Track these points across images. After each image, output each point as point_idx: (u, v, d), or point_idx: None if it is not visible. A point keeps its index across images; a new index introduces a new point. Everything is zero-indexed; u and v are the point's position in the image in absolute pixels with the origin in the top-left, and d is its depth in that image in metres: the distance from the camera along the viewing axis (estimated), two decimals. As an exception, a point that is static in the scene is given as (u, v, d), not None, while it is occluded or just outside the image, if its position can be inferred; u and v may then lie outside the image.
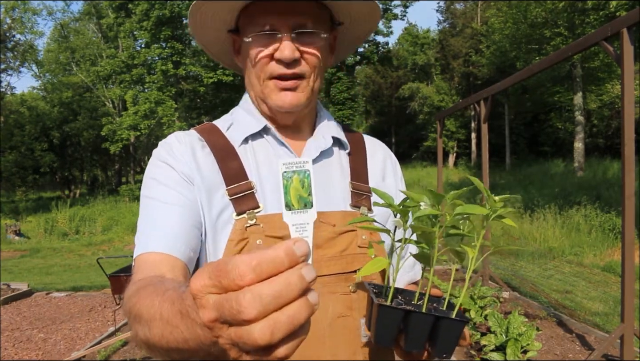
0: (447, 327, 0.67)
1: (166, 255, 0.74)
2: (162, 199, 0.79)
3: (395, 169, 1.03)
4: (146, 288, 0.60)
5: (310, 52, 0.83)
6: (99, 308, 5.55)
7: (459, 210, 0.65)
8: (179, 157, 0.83)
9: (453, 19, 30.28)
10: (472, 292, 4.15)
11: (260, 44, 0.82)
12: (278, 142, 0.89)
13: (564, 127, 22.78)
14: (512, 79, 4.89)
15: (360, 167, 0.94)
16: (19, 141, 21.74)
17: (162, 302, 0.52)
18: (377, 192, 0.76)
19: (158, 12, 17.67)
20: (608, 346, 3.26)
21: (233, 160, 0.84)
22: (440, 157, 7.58)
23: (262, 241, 0.79)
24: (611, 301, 5.07)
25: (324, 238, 0.82)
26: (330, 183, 0.89)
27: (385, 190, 0.94)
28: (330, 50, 0.92)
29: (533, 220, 9.60)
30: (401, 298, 0.76)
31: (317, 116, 0.97)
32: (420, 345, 0.68)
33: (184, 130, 0.93)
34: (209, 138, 0.87)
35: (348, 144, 0.94)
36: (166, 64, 18.16)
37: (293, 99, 0.84)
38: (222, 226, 0.81)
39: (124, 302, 0.65)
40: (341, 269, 0.82)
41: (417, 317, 0.67)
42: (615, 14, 12.55)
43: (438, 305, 0.75)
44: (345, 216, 0.86)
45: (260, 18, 0.81)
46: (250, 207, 0.81)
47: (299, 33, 0.81)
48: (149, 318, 0.53)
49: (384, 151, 1.03)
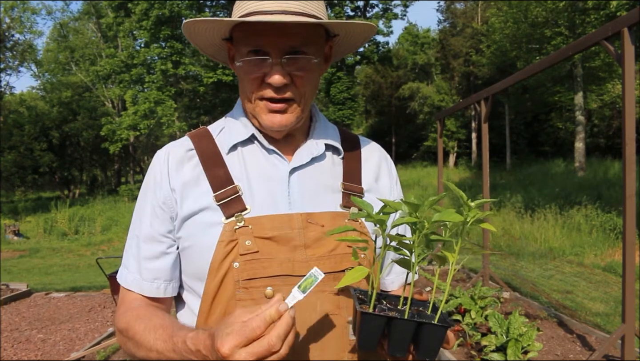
0: (429, 332, 0.69)
1: (139, 296, 0.91)
2: (139, 234, 0.91)
3: (391, 170, 1.03)
4: (138, 324, 0.83)
5: (301, 76, 0.84)
6: (98, 308, 5.54)
7: (435, 217, 0.69)
8: (159, 181, 0.90)
9: (453, 18, 30.28)
10: (472, 292, 4.13)
11: (250, 68, 0.84)
12: (267, 149, 0.91)
13: (565, 127, 22.78)
14: (513, 78, 4.88)
15: (353, 169, 0.95)
16: (18, 141, 21.71)
17: (156, 340, 0.78)
18: (357, 201, 0.78)
19: (157, 11, 17.66)
20: (609, 346, 3.25)
21: (219, 167, 0.88)
22: (440, 157, 7.57)
23: (251, 242, 0.82)
24: (612, 301, 5.06)
25: (312, 238, 0.84)
26: (320, 184, 0.90)
27: (378, 191, 0.97)
28: (325, 60, 0.92)
29: (534, 220, 9.59)
30: (386, 303, 0.77)
31: (312, 120, 0.98)
32: (403, 349, 0.70)
33: (182, 130, 0.96)
34: (199, 145, 0.91)
35: (342, 149, 0.96)
36: (166, 64, 18.15)
37: (282, 120, 0.86)
38: (206, 227, 0.85)
39: (117, 333, 0.89)
40: (330, 268, 0.84)
41: (399, 323, 0.69)
42: (615, 13, 12.54)
43: (424, 308, 0.77)
44: (335, 217, 0.87)
45: (252, 38, 0.82)
46: (238, 210, 0.84)
47: (289, 58, 0.82)
48: (147, 349, 0.80)
49: (380, 153, 1.03)
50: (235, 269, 0.81)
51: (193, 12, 18.55)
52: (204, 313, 0.84)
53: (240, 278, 0.81)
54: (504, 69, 20.15)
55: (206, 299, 0.84)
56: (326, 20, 0.87)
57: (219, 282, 0.82)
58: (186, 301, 0.92)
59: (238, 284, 0.81)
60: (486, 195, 5.47)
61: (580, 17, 14.57)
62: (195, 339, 0.71)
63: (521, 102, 22.48)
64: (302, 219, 0.85)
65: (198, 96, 20.59)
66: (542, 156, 23.00)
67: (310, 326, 0.82)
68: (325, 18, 0.88)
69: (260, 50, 0.82)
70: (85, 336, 4.57)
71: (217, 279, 0.82)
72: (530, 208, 10.46)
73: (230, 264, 0.82)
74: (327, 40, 0.90)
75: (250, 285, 0.81)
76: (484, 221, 0.71)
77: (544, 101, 20.70)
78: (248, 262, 0.82)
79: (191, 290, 0.90)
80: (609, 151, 21.30)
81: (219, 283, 0.82)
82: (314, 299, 0.82)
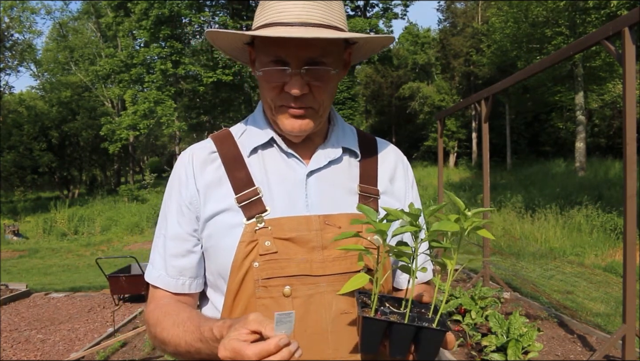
0: (428, 337, 0.72)
1: (167, 293, 0.94)
2: (165, 233, 0.95)
3: (407, 173, 1.04)
4: (166, 319, 0.88)
5: (319, 85, 0.86)
6: (97, 308, 5.53)
7: (434, 227, 0.73)
8: (184, 181, 0.94)
9: (454, 18, 30.29)
10: (472, 293, 4.13)
11: (270, 77, 0.86)
12: (286, 153, 0.94)
13: (565, 127, 22.78)
14: (513, 78, 4.87)
15: (370, 171, 0.98)
16: (18, 141, 21.68)
17: (185, 332, 0.83)
18: (362, 208, 0.81)
19: (157, 11, 17.62)
20: (610, 347, 3.24)
21: (241, 170, 0.92)
22: (440, 157, 7.56)
23: (271, 243, 0.85)
24: (613, 301, 5.05)
25: (329, 239, 0.87)
26: (337, 186, 0.93)
27: (394, 194, 0.99)
28: (344, 66, 0.95)
29: (534, 220, 9.58)
30: (389, 306, 0.80)
31: (330, 123, 1.00)
32: (403, 351, 0.72)
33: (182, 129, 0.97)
34: (221, 148, 0.95)
35: (359, 152, 0.98)
36: (165, 64, 18.12)
37: (302, 125, 0.89)
38: (229, 228, 0.88)
39: (148, 327, 0.94)
40: (346, 268, 0.87)
41: (399, 328, 0.72)
42: (616, 12, 12.53)
43: (426, 310, 0.80)
44: (351, 218, 0.89)
45: (272, 49, 0.84)
46: (259, 211, 0.88)
47: (308, 69, 0.84)
48: (175, 343, 0.85)
49: (396, 155, 1.05)
50: (255, 268, 0.85)
51: (193, 12, 18.51)
52: (227, 309, 0.89)
53: (259, 277, 0.85)
54: (505, 69, 20.14)
55: (229, 297, 0.88)
56: (346, 29, 0.89)
57: (240, 281, 0.86)
58: (210, 297, 0.96)
59: (258, 283, 0.85)
60: (486, 195, 5.46)
61: (581, 16, 14.56)
62: (222, 327, 0.75)
63: (522, 102, 22.48)
64: (320, 221, 0.88)
65: (198, 96, 20.55)
66: (543, 156, 23.00)
67: (325, 325, 0.85)
68: (345, 25, 0.90)
69: (280, 60, 0.84)
70: (85, 336, 4.56)
71: (239, 278, 0.86)
72: (530, 208, 10.46)
73: (250, 264, 0.85)
74: (346, 48, 0.93)
75: (269, 284, 0.85)
76: (482, 228, 0.74)
77: (545, 101, 20.70)
78: (267, 262, 0.85)
79: (215, 287, 0.93)
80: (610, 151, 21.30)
81: (240, 281, 0.86)
82: (329, 298, 0.85)
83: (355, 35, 0.86)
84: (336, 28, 0.85)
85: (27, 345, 4.36)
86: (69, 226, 13.84)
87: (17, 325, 4.96)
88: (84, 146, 25.02)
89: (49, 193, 27.24)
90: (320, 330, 0.85)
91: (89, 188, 28.58)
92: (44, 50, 30.33)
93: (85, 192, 26.71)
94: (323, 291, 0.85)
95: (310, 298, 0.85)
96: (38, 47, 33.97)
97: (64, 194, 23.85)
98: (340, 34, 0.83)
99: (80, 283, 7.02)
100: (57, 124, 23.05)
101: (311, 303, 0.85)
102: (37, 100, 27.03)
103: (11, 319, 5.19)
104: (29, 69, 29.11)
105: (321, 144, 0.95)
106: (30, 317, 5.25)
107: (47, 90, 27.90)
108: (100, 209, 16.52)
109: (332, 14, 0.85)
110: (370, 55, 1.05)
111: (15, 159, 21.62)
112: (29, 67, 28.88)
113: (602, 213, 9.25)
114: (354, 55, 0.97)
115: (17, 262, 10.06)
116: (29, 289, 6.40)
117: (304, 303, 0.85)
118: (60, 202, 16.91)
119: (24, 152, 21.92)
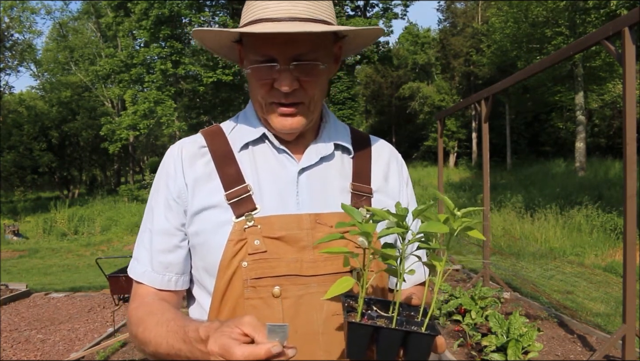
0: (417, 341, 0.69)
1: (151, 290, 0.91)
2: (152, 228, 0.92)
3: (401, 170, 1.02)
4: (150, 318, 0.84)
5: (309, 80, 0.85)
6: (97, 308, 5.53)
7: (421, 228, 0.70)
8: (173, 175, 0.91)
9: (454, 18, 30.29)
10: (472, 293, 4.13)
11: (259, 74, 0.85)
12: (277, 148, 0.91)
13: (565, 127, 22.77)
14: (513, 78, 4.87)
15: (363, 169, 0.95)
16: (18, 141, 21.68)
17: (167, 332, 0.79)
18: (346, 208, 0.78)
19: (157, 11, 17.62)
20: (610, 347, 3.24)
21: (231, 166, 0.89)
22: (440, 157, 7.57)
23: (260, 242, 0.83)
24: (613, 301, 5.05)
25: (320, 238, 0.83)
26: (329, 184, 0.91)
27: (387, 192, 0.97)
28: (335, 61, 0.93)
29: (534, 220, 9.58)
30: (376, 309, 0.76)
31: (322, 120, 0.98)
32: (391, 356, 0.69)
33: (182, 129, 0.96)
34: (211, 143, 0.92)
35: (352, 149, 0.96)
36: (165, 64, 18.12)
37: (293, 123, 0.87)
38: (217, 226, 0.86)
39: (130, 325, 0.88)
40: (337, 269, 0.84)
41: (386, 333, 0.69)
42: (616, 12, 12.53)
43: (415, 313, 0.76)
44: (344, 218, 0.86)
45: (260, 47, 0.83)
46: (248, 209, 0.85)
47: (297, 64, 0.82)
48: (157, 343, 0.80)
49: (390, 152, 1.03)
50: (243, 268, 0.82)
51: (193, 12, 18.51)
52: (214, 309, 0.86)
53: (248, 277, 0.82)
54: (505, 69, 20.14)
55: (216, 297, 0.85)
56: (334, 23, 0.87)
57: (228, 280, 0.83)
58: (196, 297, 0.93)
59: (246, 283, 0.82)
60: (486, 195, 5.46)
61: (581, 16, 14.56)
62: (209, 328, 0.72)
63: (522, 102, 22.47)
64: (311, 219, 0.86)
65: (198, 96, 20.55)
66: (543, 156, 22.99)
67: (316, 327, 0.83)
68: (334, 19, 0.88)
69: (268, 57, 0.83)
70: (85, 336, 4.56)
71: (226, 278, 0.83)
72: (530, 208, 10.45)
73: (238, 263, 0.83)
74: (335, 42, 0.91)
75: (258, 284, 0.82)
76: (472, 229, 0.72)
77: (545, 101, 20.69)
78: (256, 261, 0.82)
79: (201, 286, 0.91)
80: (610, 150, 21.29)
81: (227, 281, 0.83)
82: (321, 300, 0.82)
83: (341, 27, 0.84)
84: (324, 22, 0.84)
85: (27, 345, 4.36)
86: (69, 226, 13.84)
87: (17, 325, 4.96)
88: (84, 146, 25.04)
89: (49, 193, 27.25)
90: (310, 332, 0.82)
91: (89, 188, 28.60)
92: (44, 50, 30.32)
93: (85, 192, 26.72)
94: (314, 291, 0.83)
95: (300, 299, 0.83)
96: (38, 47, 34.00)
97: (64, 194, 23.84)
98: (326, 27, 0.81)
99: (80, 283, 7.02)
100: (57, 124, 23.06)
101: (301, 304, 0.83)
102: (37, 100, 27.04)
103: (11, 319, 5.18)
104: (29, 69, 29.10)
105: (313, 141, 0.93)
106: (30, 317, 5.25)
107: (47, 90, 27.89)
108: (100, 209, 16.52)
109: (319, 8, 0.84)
110: (362, 49, 1.03)
111: (15, 159, 21.62)
112: (29, 67, 28.87)
113: (602, 213, 9.25)
114: (345, 50, 0.95)
115: (17, 262, 10.06)
116: (29, 289, 6.40)
117: (294, 304, 0.82)
118: (60, 202, 16.90)
119: (24, 152, 21.92)
